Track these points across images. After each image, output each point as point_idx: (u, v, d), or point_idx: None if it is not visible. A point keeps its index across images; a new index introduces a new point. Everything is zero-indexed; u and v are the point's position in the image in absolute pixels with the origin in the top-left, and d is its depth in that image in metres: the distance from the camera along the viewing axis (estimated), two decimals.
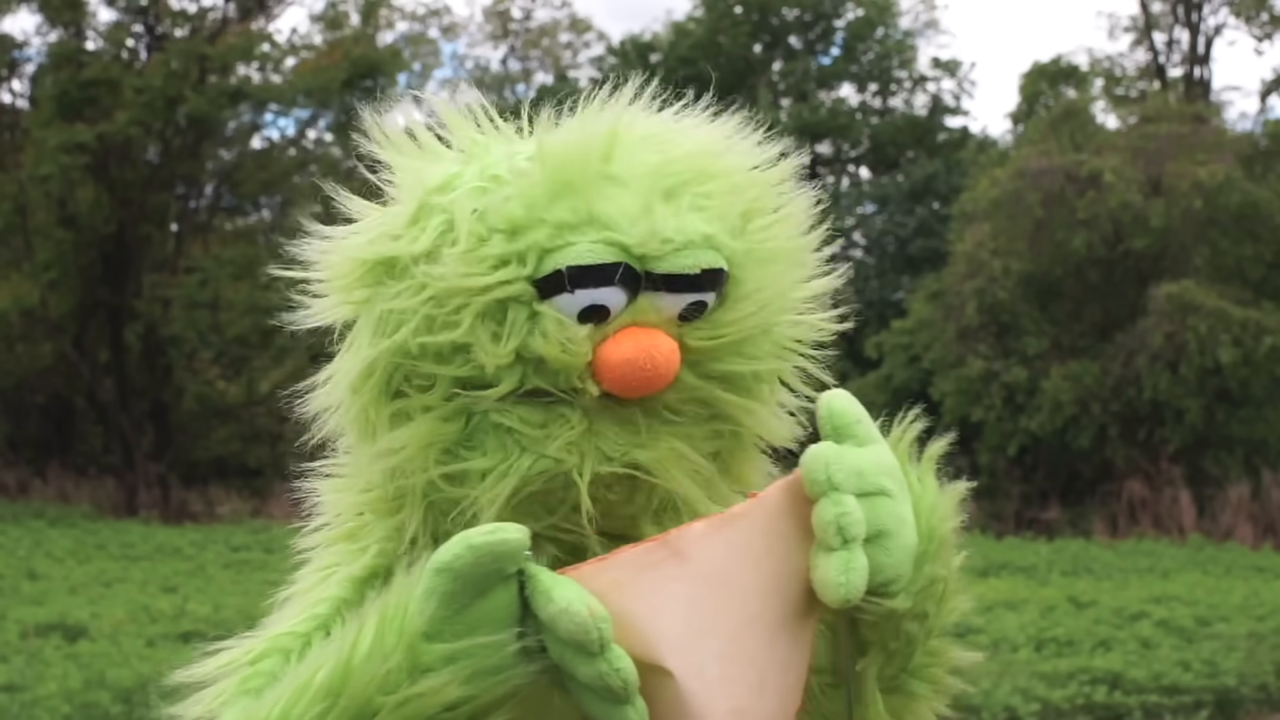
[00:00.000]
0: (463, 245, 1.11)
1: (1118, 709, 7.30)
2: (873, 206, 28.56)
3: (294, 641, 1.16)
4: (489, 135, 1.21)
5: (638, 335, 1.09)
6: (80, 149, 20.41)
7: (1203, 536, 15.74)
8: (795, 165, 1.22)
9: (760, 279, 1.15)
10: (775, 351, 1.18)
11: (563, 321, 1.09)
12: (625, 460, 1.10)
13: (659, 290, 1.10)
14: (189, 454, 21.93)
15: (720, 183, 1.15)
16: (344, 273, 1.18)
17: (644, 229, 1.10)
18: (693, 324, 1.12)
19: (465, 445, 1.12)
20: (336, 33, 24.70)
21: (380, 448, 1.16)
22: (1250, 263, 18.48)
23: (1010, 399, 18.10)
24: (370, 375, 1.16)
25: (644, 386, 1.09)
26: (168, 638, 8.61)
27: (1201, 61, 26.16)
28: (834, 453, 1.08)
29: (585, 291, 1.09)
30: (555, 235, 1.10)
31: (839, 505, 1.05)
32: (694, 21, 30.13)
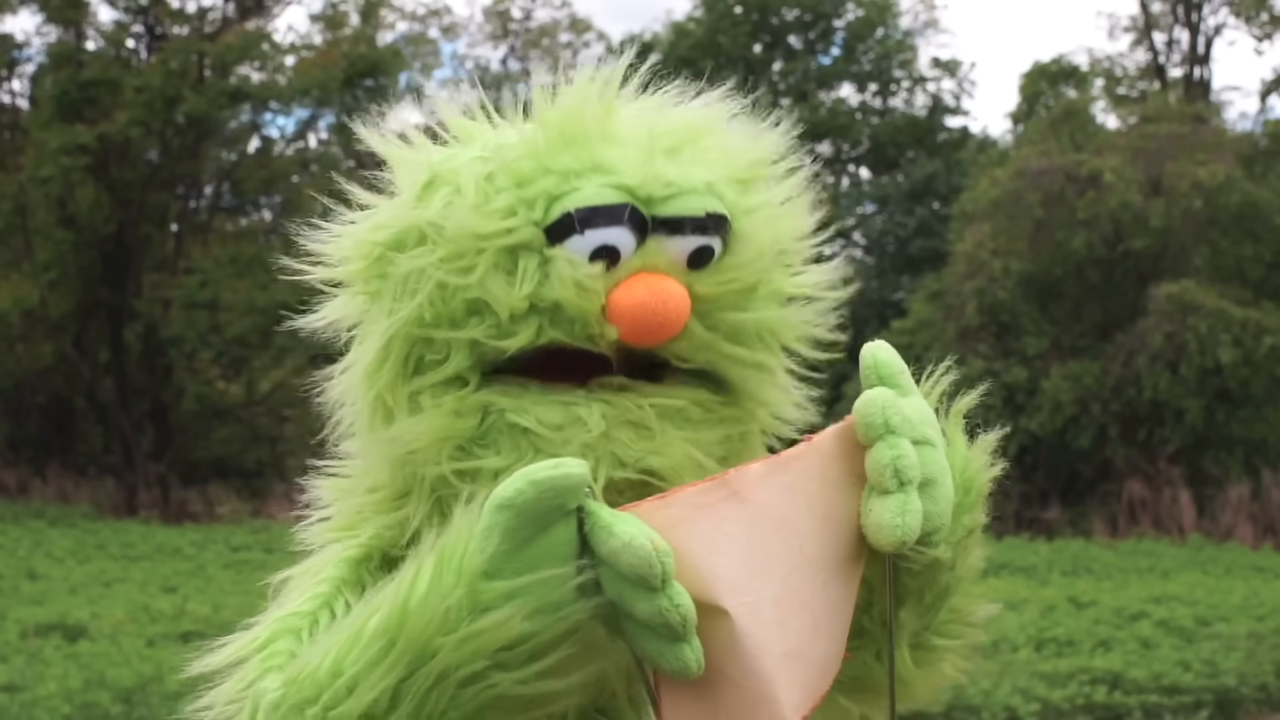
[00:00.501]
0: (470, 199, 1.13)
1: (1118, 709, 7.30)
2: (873, 206, 28.57)
3: (302, 621, 1.16)
4: (484, 122, 1.24)
5: (649, 279, 1.10)
6: (80, 150, 20.41)
7: (1203, 536, 15.74)
8: (791, 141, 1.24)
9: (760, 229, 1.16)
10: (778, 307, 1.20)
11: (574, 261, 1.10)
12: (640, 466, 1.10)
13: (666, 234, 1.12)
14: (189, 454, 21.93)
15: (716, 143, 1.18)
16: (357, 259, 1.19)
17: (647, 173, 1.12)
18: (701, 270, 1.13)
19: (479, 443, 1.12)
20: (336, 32, 24.71)
21: (393, 434, 1.16)
22: (1250, 263, 18.48)
23: (1010, 399, 18.10)
24: (387, 355, 1.16)
25: (656, 331, 1.09)
26: (168, 638, 8.61)
27: (1201, 61, 26.16)
28: (889, 397, 1.09)
29: (595, 232, 1.11)
30: (562, 182, 1.12)
31: (895, 448, 1.07)
32: (694, 21, 30.13)
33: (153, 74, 20.91)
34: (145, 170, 22.44)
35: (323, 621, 1.15)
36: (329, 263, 1.21)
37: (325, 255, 1.21)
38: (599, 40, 31.77)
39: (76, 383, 22.78)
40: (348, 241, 1.20)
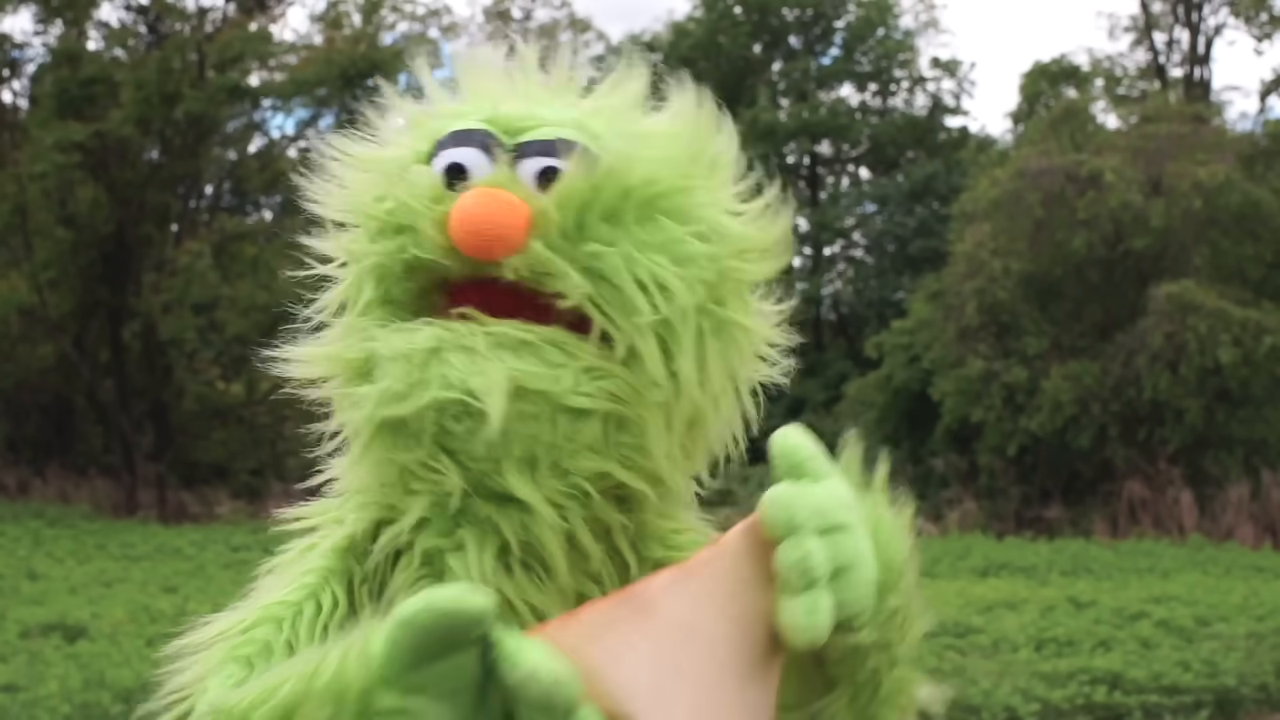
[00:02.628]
0: (386, 134, 1.25)
1: (1118, 709, 7.30)
2: (873, 206, 28.59)
3: (286, 610, 1.17)
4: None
5: (481, 191, 1.12)
6: (76, 147, 20.40)
7: (1203, 536, 15.74)
8: (733, 140, 1.23)
9: (624, 159, 1.14)
10: (666, 257, 1.13)
11: (415, 172, 1.17)
12: (463, 387, 1.09)
13: (517, 157, 1.16)
14: (189, 454, 21.94)
15: (635, 116, 1.21)
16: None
17: (518, 109, 1.18)
18: (547, 190, 1.14)
19: (363, 374, 1.16)
20: (337, 32, 24.71)
21: (295, 355, 1.23)
22: (1250, 263, 18.49)
23: (1010, 399, 18.10)
24: (345, 299, 1.23)
25: (482, 239, 1.10)
26: (168, 638, 8.50)
27: (1201, 61, 26.18)
28: (792, 494, 1.07)
29: (446, 152, 1.17)
30: (447, 121, 1.21)
31: (800, 548, 1.05)
32: (694, 21, 30.15)
33: (149, 71, 20.90)
34: (145, 169, 22.43)
35: (307, 613, 1.17)
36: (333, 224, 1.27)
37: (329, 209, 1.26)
38: (599, 40, 31.81)
39: (76, 383, 22.78)
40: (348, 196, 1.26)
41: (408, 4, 27.10)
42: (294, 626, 1.16)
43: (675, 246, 1.14)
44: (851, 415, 21.29)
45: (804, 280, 28.53)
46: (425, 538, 1.17)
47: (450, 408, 1.10)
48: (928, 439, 19.36)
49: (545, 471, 1.13)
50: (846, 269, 29.43)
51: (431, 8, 28.73)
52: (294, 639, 1.16)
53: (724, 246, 1.17)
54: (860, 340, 22.27)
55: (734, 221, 1.19)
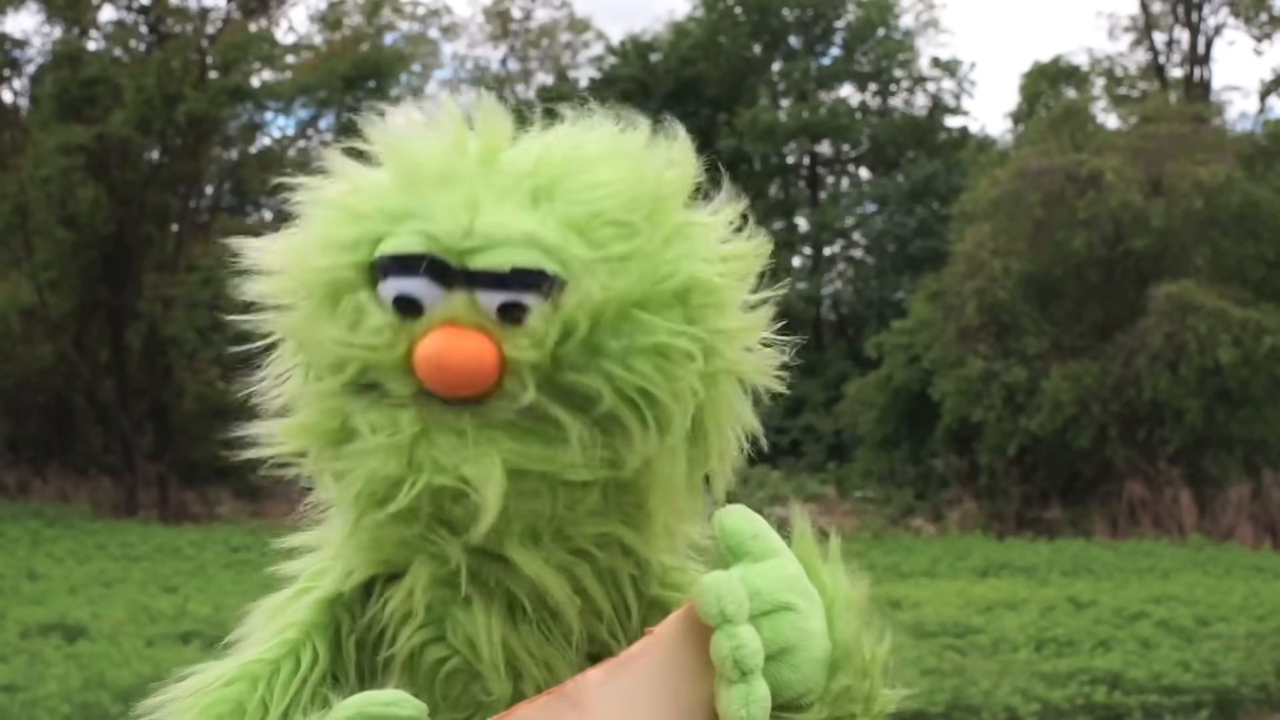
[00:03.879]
0: (318, 230, 1.12)
1: (1118, 709, 7.30)
2: (873, 206, 28.59)
3: (263, 669, 1.15)
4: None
5: (444, 331, 1.05)
6: (79, 149, 20.41)
7: (1203, 536, 15.74)
8: (695, 183, 1.15)
9: (611, 281, 1.06)
10: (649, 363, 1.07)
11: (368, 309, 1.07)
12: (456, 473, 1.06)
13: (474, 288, 1.06)
14: (189, 454, 21.93)
15: (597, 178, 1.10)
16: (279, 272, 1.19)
17: (459, 223, 1.06)
18: (514, 327, 1.05)
19: (343, 444, 1.11)
20: (337, 33, 24.72)
21: (267, 430, 1.17)
22: (1250, 263, 18.49)
23: (1010, 399, 18.10)
24: (301, 371, 1.17)
25: (454, 384, 1.05)
26: (168, 638, 8.61)
27: (1201, 61, 26.18)
28: (724, 583, 1.06)
29: (394, 280, 1.07)
30: (386, 224, 1.09)
31: (734, 638, 1.04)
32: (694, 21, 30.13)
33: (150, 72, 20.90)
34: (146, 170, 22.43)
35: (284, 671, 1.15)
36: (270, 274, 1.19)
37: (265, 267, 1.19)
38: (598, 40, 31.81)
39: (76, 383, 22.78)
40: (275, 255, 1.17)
41: (408, 4, 27.10)
42: (269, 685, 1.14)
43: (658, 342, 1.07)
44: (851, 415, 21.30)
45: (804, 280, 28.53)
46: (429, 592, 1.14)
47: (445, 493, 1.07)
48: (928, 439, 19.36)
49: (548, 540, 1.11)
50: (846, 269, 29.44)
51: (431, 8, 28.73)
52: (269, 697, 1.14)
53: (704, 300, 1.11)
54: (860, 340, 22.26)
55: (708, 267, 1.11)
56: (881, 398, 20.35)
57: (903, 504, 18.54)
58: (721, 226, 1.15)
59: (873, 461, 20.26)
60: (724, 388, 1.14)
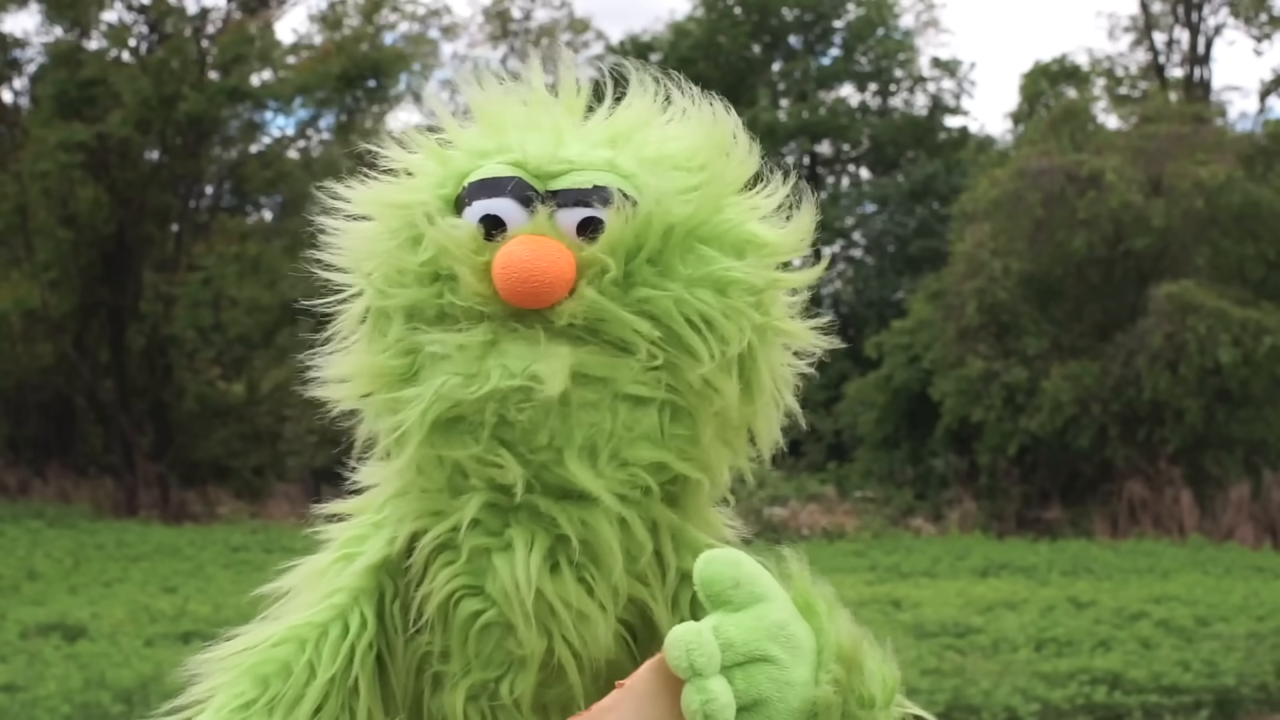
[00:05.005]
0: (401, 177, 1.22)
1: (1118, 709, 7.30)
2: (873, 206, 28.58)
3: (312, 632, 1.17)
4: None
5: (526, 239, 1.12)
6: (78, 148, 20.41)
7: (1203, 536, 15.74)
8: (752, 145, 1.26)
9: (671, 208, 1.15)
10: (713, 293, 1.15)
11: (454, 224, 1.15)
12: (527, 373, 1.10)
13: (555, 206, 1.14)
14: (189, 454, 21.94)
15: (658, 134, 1.21)
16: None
17: (545, 149, 1.16)
18: (590, 238, 1.13)
19: (410, 380, 1.16)
20: (337, 32, 24.71)
21: (333, 372, 1.22)
22: (1251, 262, 18.49)
23: (1010, 399, 18.10)
24: (367, 329, 1.22)
25: (529, 286, 1.10)
26: (168, 638, 8.61)
27: (1201, 61, 26.18)
28: (694, 635, 1.06)
29: (480, 202, 1.15)
30: (471, 159, 1.19)
31: (703, 692, 1.04)
32: (694, 21, 30.13)
33: (149, 72, 20.89)
34: (146, 170, 22.43)
35: (332, 634, 1.17)
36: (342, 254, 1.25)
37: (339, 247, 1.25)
38: (599, 40, 31.81)
39: (77, 383, 22.78)
40: (365, 200, 1.24)
41: (408, 4, 27.09)
42: (317, 648, 1.16)
43: (719, 275, 1.16)
44: (851, 415, 21.30)
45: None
46: (472, 537, 1.16)
47: (512, 396, 1.10)
48: (928, 439, 19.36)
49: (605, 461, 1.14)
50: (846, 269, 29.43)
51: (431, 8, 28.73)
52: (316, 660, 1.16)
53: (762, 254, 1.20)
54: (860, 340, 22.22)
55: (767, 228, 1.22)
56: (881, 398, 20.35)
57: (903, 504, 18.54)
58: (776, 201, 1.25)
59: (873, 461, 20.26)
60: (772, 344, 1.21)
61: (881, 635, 1.21)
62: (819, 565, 1.19)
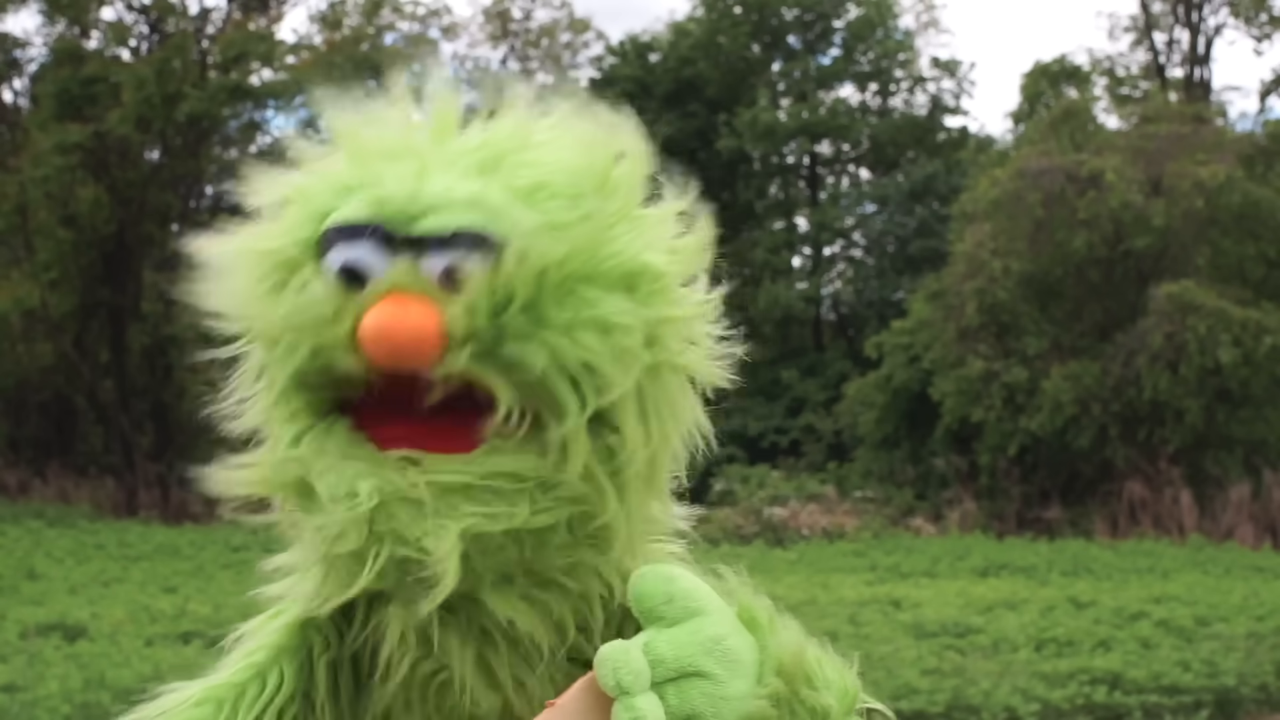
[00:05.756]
0: (270, 216, 1.13)
1: (1118, 709, 7.30)
2: (873, 206, 28.57)
3: (229, 692, 1.16)
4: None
5: (390, 301, 1.03)
6: (77, 148, 20.40)
7: (1203, 536, 15.74)
8: (646, 175, 1.13)
9: (549, 247, 1.05)
10: (597, 337, 1.06)
11: (313, 283, 1.07)
12: (418, 546, 1.05)
13: (416, 253, 1.05)
14: (189, 454, 21.93)
15: (543, 156, 1.10)
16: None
17: (406, 188, 1.07)
18: (457, 296, 1.04)
19: (303, 491, 1.11)
20: (337, 32, 24.71)
21: (231, 470, 1.19)
22: (1251, 262, 18.49)
23: (1010, 399, 18.09)
24: (261, 382, 1.17)
25: (397, 356, 1.03)
26: (168, 638, 8.61)
27: (1201, 61, 26.18)
28: (621, 653, 1.04)
29: (339, 249, 1.07)
30: (333, 196, 1.10)
31: (631, 709, 1.03)
32: (694, 21, 30.12)
33: (150, 71, 20.88)
34: (146, 169, 22.44)
35: (249, 694, 1.16)
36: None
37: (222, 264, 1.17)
38: (598, 40, 31.81)
39: (77, 383, 22.78)
40: (231, 248, 1.16)
41: (408, 4, 27.09)
42: (234, 707, 1.15)
43: (601, 316, 1.06)
44: (851, 415, 21.30)
45: (804, 280, 28.52)
46: (412, 627, 1.14)
47: (409, 563, 1.06)
48: (928, 439, 19.36)
49: (521, 579, 1.11)
50: (846, 269, 29.41)
51: (431, 8, 28.72)
52: (233, 719, 1.15)
53: (654, 286, 1.10)
54: (860, 340, 22.24)
55: (659, 255, 1.11)
56: (881, 398, 20.35)
57: (903, 504, 18.54)
58: (671, 220, 1.13)
59: (873, 461, 20.26)
60: (668, 380, 1.12)
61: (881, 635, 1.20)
62: (819, 565, 1.18)
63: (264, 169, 1.17)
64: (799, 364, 25.47)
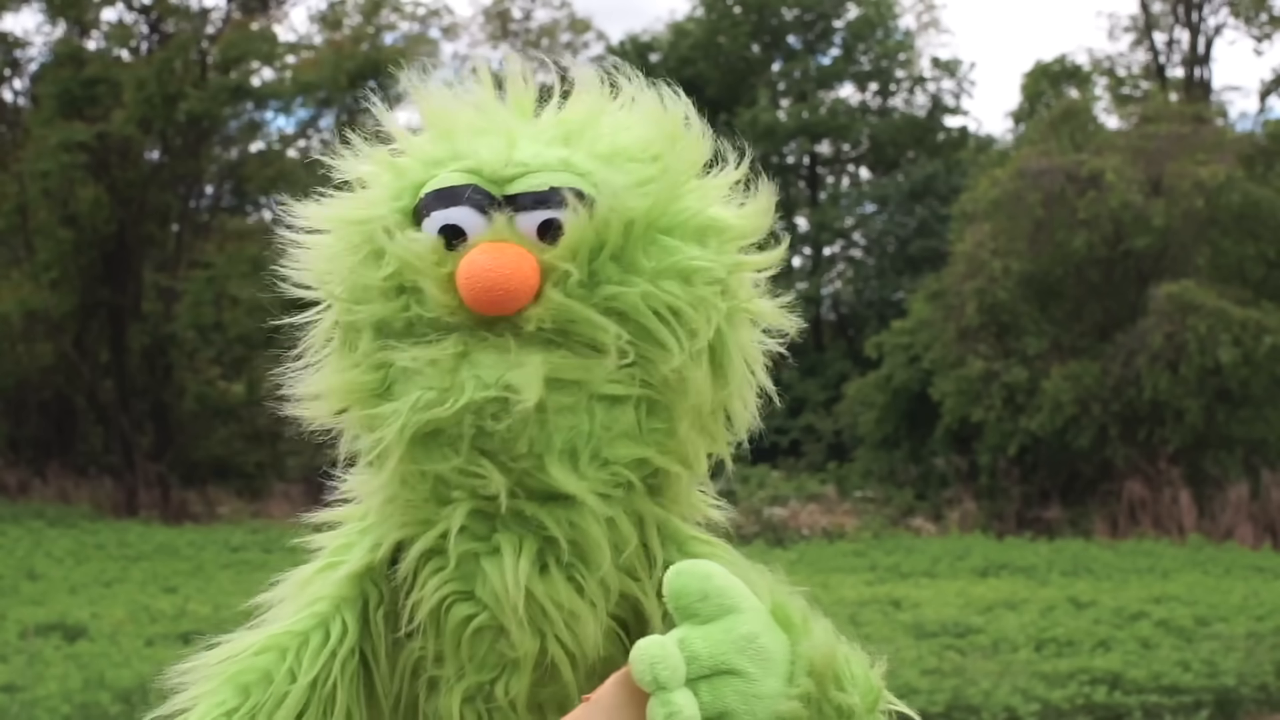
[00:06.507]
0: (369, 191, 1.21)
1: (1118, 709, 7.30)
2: (873, 206, 28.57)
3: (292, 640, 1.18)
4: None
5: (488, 246, 1.11)
6: (79, 147, 20.41)
7: (1202, 536, 15.74)
8: (708, 145, 1.23)
9: (629, 203, 1.14)
10: (679, 284, 1.15)
11: (414, 238, 1.14)
12: (501, 383, 1.10)
13: (513, 211, 1.14)
14: (189, 454, 21.94)
15: (610, 126, 1.20)
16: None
17: (499, 154, 1.16)
18: (552, 246, 1.13)
19: (384, 395, 1.16)
20: (337, 32, 24.71)
21: (308, 391, 1.23)
22: (1251, 262, 18.49)
23: (1010, 399, 18.09)
24: (336, 343, 1.22)
25: (494, 295, 1.10)
26: (168, 638, 8.61)
27: (1201, 61, 26.18)
28: (658, 648, 1.06)
29: (438, 213, 1.14)
30: (425, 169, 1.18)
31: (667, 705, 1.05)
32: (694, 22, 30.13)
33: (151, 71, 20.89)
34: (146, 169, 22.44)
35: (313, 642, 1.17)
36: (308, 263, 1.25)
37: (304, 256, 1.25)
38: (599, 40, 31.81)
39: (77, 382, 22.77)
40: (322, 217, 1.24)
41: (408, 4, 27.09)
42: (298, 655, 1.17)
43: (683, 265, 1.15)
44: (851, 415, 21.30)
45: (804, 280, 28.52)
46: (460, 543, 1.16)
47: (488, 407, 1.10)
48: (928, 439, 19.36)
49: (586, 462, 1.14)
50: (846, 269, 29.41)
51: (431, 8, 28.73)
52: (296, 667, 1.16)
53: (724, 239, 1.19)
54: (860, 340, 22.23)
55: (726, 212, 1.21)
56: (881, 398, 20.35)
57: (903, 504, 18.54)
58: (728, 185, 1.23)
59: (873, 461, 20.26)
60: (739, 324, 1.21)
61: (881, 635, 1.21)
62: (819, 565, 1.19)
63: (359, 146, 1.25)
64: (799, 364, 25.48)
